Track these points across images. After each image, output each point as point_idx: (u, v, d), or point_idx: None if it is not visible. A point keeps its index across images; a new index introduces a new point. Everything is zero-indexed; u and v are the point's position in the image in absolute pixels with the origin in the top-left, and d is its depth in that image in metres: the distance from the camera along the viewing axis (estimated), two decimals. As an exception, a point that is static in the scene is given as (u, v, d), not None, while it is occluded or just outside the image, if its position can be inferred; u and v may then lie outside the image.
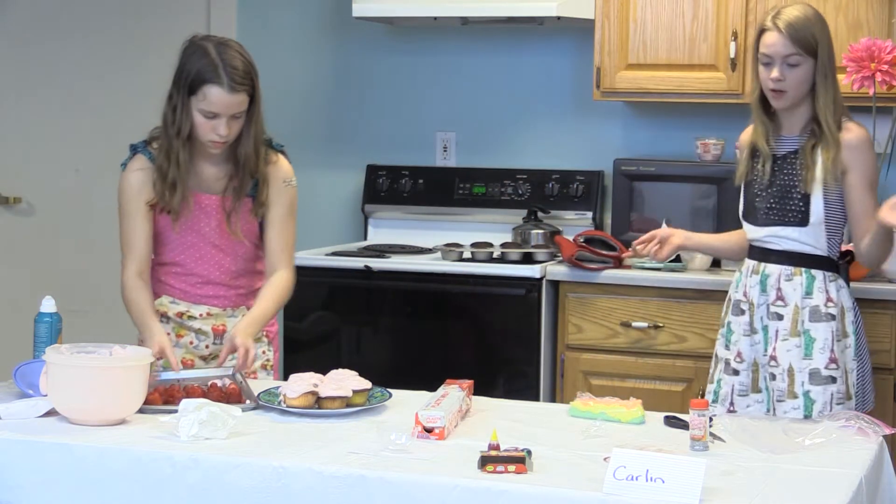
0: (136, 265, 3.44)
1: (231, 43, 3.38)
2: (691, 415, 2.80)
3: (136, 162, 3.47)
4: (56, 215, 5.66)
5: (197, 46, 3.36)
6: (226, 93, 3.29)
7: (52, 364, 2.94)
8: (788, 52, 3.49)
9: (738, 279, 3.66)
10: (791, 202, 3.54)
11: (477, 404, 3.13)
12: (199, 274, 3.50)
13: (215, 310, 3.52)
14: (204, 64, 3.31)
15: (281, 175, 3.49)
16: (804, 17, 3.54)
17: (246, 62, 3.34)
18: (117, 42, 5.63)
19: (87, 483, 2.76)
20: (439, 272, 4.70)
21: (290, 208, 3.52)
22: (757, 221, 3.61)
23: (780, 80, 3.50)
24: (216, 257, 3.50)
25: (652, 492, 2.44)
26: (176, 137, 3.37)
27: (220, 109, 3.30)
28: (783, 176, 3.57)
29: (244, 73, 3.31)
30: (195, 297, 3.52)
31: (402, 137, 5.36)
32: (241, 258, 3.52)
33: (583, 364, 4.55)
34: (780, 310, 3.56)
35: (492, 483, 2.53)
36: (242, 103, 3.32)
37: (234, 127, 3.35)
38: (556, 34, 5.13)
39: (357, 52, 5.41)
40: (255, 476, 2.66)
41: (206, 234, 3.47)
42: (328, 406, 3.04)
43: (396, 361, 4.71)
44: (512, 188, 5.12)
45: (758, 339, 3.59)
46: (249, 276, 3.56)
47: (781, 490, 2.54)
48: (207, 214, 3.46)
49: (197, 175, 3.44)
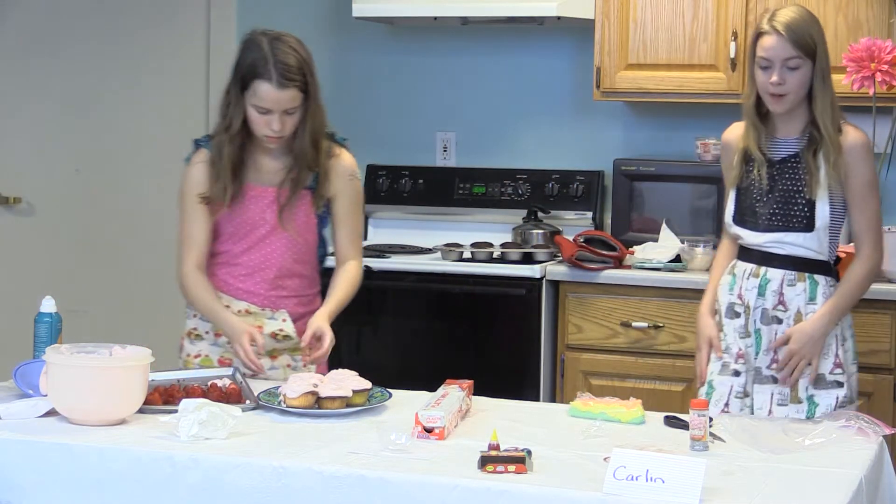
0: (195, 258, 3.43)
1: (286, 38, 3.36)
2: (691, 415, 2.80)
3: (198, 155, 3.47)
4: (56, 215, 5.66)
5: (251, 41, 3.36)
6: (275, 88, 3.28)
7: (52, 364, 2.94)
8: (788, 56, 3.43)
9: (732, 282, 3.56)
10: (795, 208, 3.47)
11: (477, 404, 3.13)
12: (244, 264, 3.48)
13: (254, 308, 3.48)
14: (255, 59, 3.30)
15: (344, 168, 3.48)
16: (801, 19, 3.48)
17: (299, 58, 3.32)
18: (117, 42, 5.62)
19: (87, 483, 2.76)
20: (439, 272, 4.70)
21: (356, 201, 3.53)
22: (758, 227, 3.51)
23: (781, 84, 3.43)
24: (263, 250, 3.47)
25: (652, 492, 2.44)
26: (224, 132, 3.37)
27: (271, 105, 3.30)
28: (785, 181, 3.49)
29: (296, 69, 3.30)
30: (236, 290, 3.48)
31: (402, 137, 5.37)
32: (292, 257, 3.48)
33: (583, 364, 4.55)
34: (780, 314, 3.49)
35: (492, 483, 2.53)
36: (294, 99, 3.31)
37: (289, 122, 3.33)
38: (556, 34, 5.13)
39: (357, 52, 5.41)
40: (255, 476, 2.66)
41: (257, 225, 3.45)
42: (328, 406, 3.04)
43: (396, 361, 4.71)
44: (512, 188, 5.12)
45: (750, 342, 3.52)
46: (299, 280, 3.52)
47: (781, 490, 2.54)
48: (261, 206, 3.44)
49: (256, 168, 3.44)
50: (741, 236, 3.55)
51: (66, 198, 5.66)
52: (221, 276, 3.50)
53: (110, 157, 5.67)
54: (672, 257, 4.54)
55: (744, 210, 3.55)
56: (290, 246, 3.47)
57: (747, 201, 3.54)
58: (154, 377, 3.12)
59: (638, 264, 4.55)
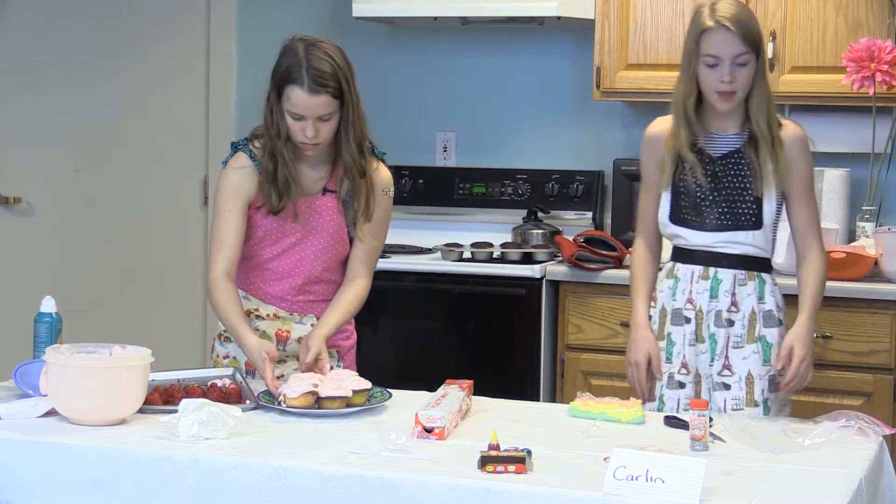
0: (226, 264, 3.36)
1: (322, 44, 3.33)
2: (691, 415, 2.80)
3: (237, 160, 3.41)
4: (56, 215, 5.66)
5: (288, 47, 3.32)
6: (306, 94, 3.24)
7: (52, 364, 2.93)
8: (739, 52, 3.26)
9: (675, 286, 3.41)
10: (743, 206, 3.34)
11: (477, 404, 3.13)
12: (273, 269, 3.45)
13: (282, 313, 3.45)
14: (289, 64, 3.27)
15: (379, 183, 3.43)
16: (745, 12, 3.33)
17: (334, 65, 3.28)
18: (117, 42, 5.63)
19: (87, 483, 2.76)
20: (439, 272, 4.70)
21: (386, 218, 3.48)
22: (705, 227, 3.36)
23: (732, 82, 3.27)
24: (294, 256, 3.43)
25: (652, 492, 2.44)
26: (277, 138, 3.32)
27: (303, 111, 3.26)
28: (730, 178, 3.35)
29: (330, 75, 3.26)
30: (265, 294, 3.45)
31: (402, 137, 5.36)
32: (322, 265, 3.45)
33: (583, 364, 4.55)
34: (733, 316, 3.36)
35: (492, 483, 2.53)
36: (327, 105, 3.27)
37: (324, 129, 3.29)
38: (556, 34, 5.13)
39: (357, 52, 5.37)
40: (255, 476, 2.66)
41: (291, 232, 3.41)
42: (328, 406, 3.04)
43: (396, 361, 4.71)
44: (512, 188, 5.12)
45: (703, 348, 3.38)
46: (326, 285, 3.49)
47: (781, 490, 2.54)
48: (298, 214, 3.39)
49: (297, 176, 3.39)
50: (683, 237, 3.41)
51: (66, 198, 5.66)
52: (251, 279, 3.48)
53: (110, 157, 5.67)
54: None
55: (683, 210, 3.39)
56: (320, 254, 3.44)
57: (687, 201, 3.38)
58: (154, 377, 3.13)
59: (638, 264, 4.55)
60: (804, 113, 4.71)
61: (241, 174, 3.38)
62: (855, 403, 4.17)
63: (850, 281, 4.23)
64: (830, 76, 4.46)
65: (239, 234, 3.38)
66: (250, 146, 3.40)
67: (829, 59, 4.49)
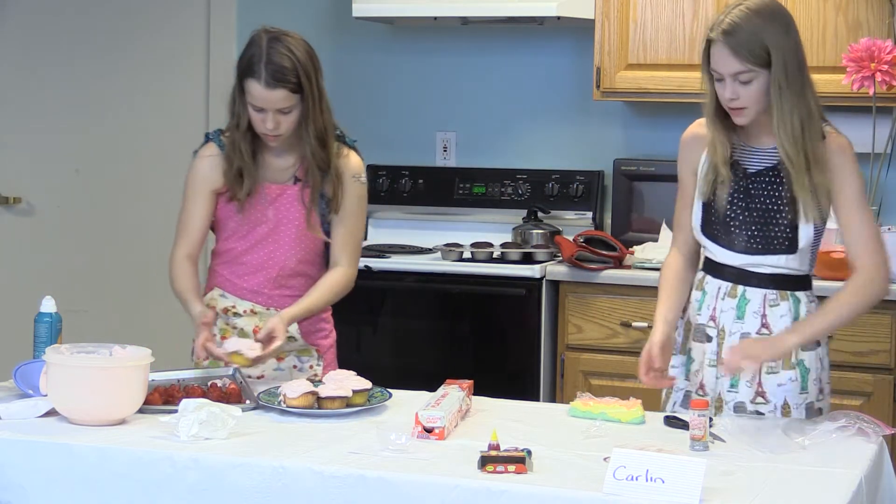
0: (187, 247, 3.45)
1: (284, 38, 3.35)
2: (691, 415, 2.80)
3: (206, 149, 3.48)
4: (56, 215, 5.66)
5: (252, 39, 3.37)
6: (263, 88, 3.28)
7: (52, 364, 2.93)
8: (736, 70, 2.98)
9: (702, 299, 3.19)
10: (776, 228, 3.09)
11: (477, 404, 3.13)
12: (247, 263, 3.47)
13: (259, 308, 3.47)
14: (250, 57, 3.32)
15: (349, 170, 3.46)
16: (749, 23, 2.98)
17: (294, 59, 3.30)
18: (117, 42, 5.63)
19: (87, 483, 2.76)
20: (439, 272, 4.70)
21: (360, 204, 3.49)
22: (734, 247, 3.12)
23: (735, 99, 3.01)
24: (266, 248, 3.46)
25: (652, 492, 2.44)
26: (236, 129, 3.38)
27: (262, 104, 3.30)
28: (762, 199, 3.10)
29: (289, 70, 3.28)
30: (240, 290, 3.48)
31: (402, 137, 5.36)
32: (295, 257, 3.47)
33: (583, 364, 4.55)
34: None
35: (492, 483, 2.53)
36: (285, 99, 3.29)
37: (284, 122, 3.32)
38: (556, 34, 5.13)
39: (357, 52, 5.41)
40: (255, 476, 2.66)
41: (259, 222, 3.45)
42: (328, 406, 3.04)
43: (396, 361, 4.71)
44: (512, 188, 5.12)
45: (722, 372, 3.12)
46: (303, 280, 3.50)
47: (781, 490, 2.54)
48: (266, 203, 3.43)
49: (264, 165, 3.44)
50: (711, 251, 3.19)
51: (66, 198, 5.66)
52: (226, 275, 3.50)
53: (110, 157, 5.67)
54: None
55: (713, 224, 3.16)
56: (293, 245, 3.46)
57: (717, 216, 3.15)
58: (154, 377, 3.13)
59: (638, 264, 4.55)
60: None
61: (208, 162, 3.45)
62: (855, 403, 4.17)
63: (850, 281, 4.23)
64: (830, 76, 4.45)
65: (203, 220, 3.45)
66: (221, 137, 3.45)
67: (829, 59, 4.49)
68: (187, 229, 3.46)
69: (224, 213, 3.47)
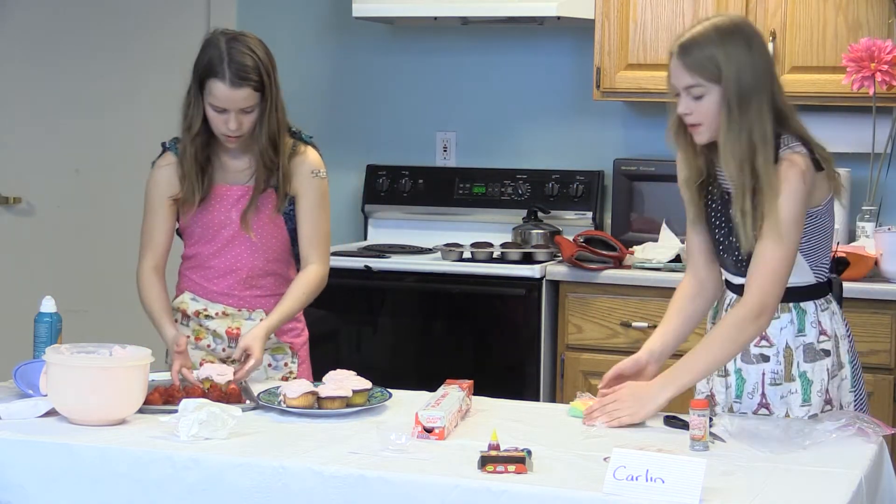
0: (153, 259, 3.46)
1: (243, 38, 3.35)
2: (691, 415, 2.79)
3: (163, 159, 3.49)
4: (56, 215, 5.66)
5: (209, 40, 3.37)
6: (227, 87, 3.28)
7: (52, 364, 2.93)
8: (687, 84, 2.94)
9: (714, 311, 3.22)
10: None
11: (477, 404, 3.13)
12: (215, 267, 3.48)
13: (231, 310, 3.48)
14: (211, 58, 3.32)
15: (307, 166, 3.45)
16: (706, 38, 2.93)
17: (255, 57, 3.31)
18: (117, 42, 5.63)
19: (87, 483, 2.76)
20: (439, 272, 4.70)
21: (319, 199, 3.47)
22: (728, 269, 3.12)
23: (689, 114, 2.97)
24: (233, 251, 3.46)
25: (652, 492, 2.44)
26: (187, 132, 3.38)
27: (225, 104, 3.30)
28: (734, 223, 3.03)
29: (252, 68, 3.29)
30: (211, 293, 3.49)
31: (402, 137, 5.37)
32: (262, 256, 3.47)
33: (583, 364, 4.55)
34: (766, 350, 3.09)
35: (492, 483, 2.53)
36: (248, 98, 3.30)
37: (246, 121, 3.33)
38: (556, 34, 5.13)
39: (357, 52, 5.41)
40: (255, 476, 2.66)
41: (223, 224, 3.45)
42: (328, 406, 3.04)
43: (396, 361, 4.71)
44: (512, 188, 5.12)
45: (730, 381, 3.14)
46: (273, 279, 3.50)
47: (781, 490, 2.54)
48: (226, 206, 3.44)
49: (222, 167, 3.45)
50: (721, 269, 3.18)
51: (66, 198, 5.66)
52: (196, 279, 3.51)
53: (110, 157, 5.67)
54: (672, 257, 4.54)
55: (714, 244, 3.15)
56: (258, 246, 3.46)
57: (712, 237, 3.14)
58: (154, 377, 3.13)
59: (638, 264, 4.55)
60: (804, 113, 4.69)
61: (164, 171, 3.47)
62: (855, 403, 4.17)
63: (850, 281, 4.22)
64: (830, 76, 4.46)
65: (165, 231, 3.48)
66: (178, 145, 3.46)
67: (829, 59, 4.49)
68: (152, 241, 3.47)
69: (188, 220, 3.47)
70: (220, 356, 3.48)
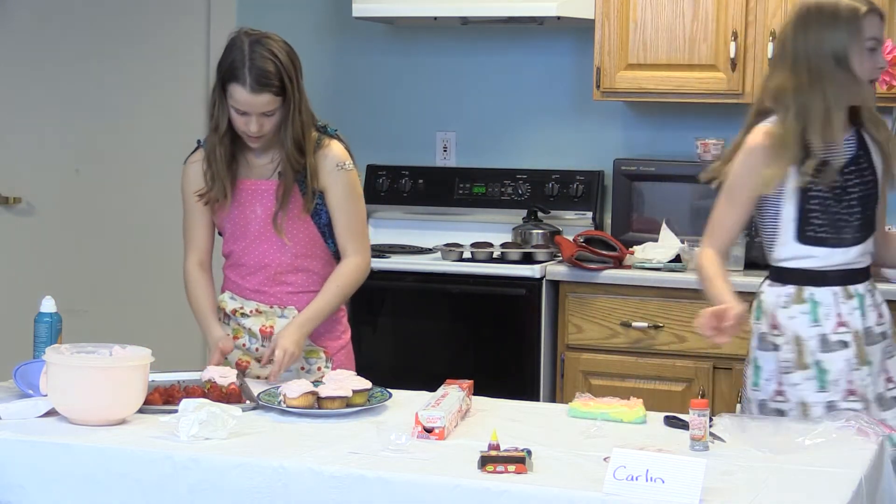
0: (196, 256, 3.49)
1: (266, 40, 3.33)
2: (691, 415, 2.79)
3: (195, 155, 3.49)
4: (56, 215, 5.66)
5: (233, 42, 3.35)
6: (248, 93, 3.27)
7: (52, 364, 2.93)
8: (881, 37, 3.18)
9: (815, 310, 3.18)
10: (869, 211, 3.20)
11: (477, 404, 3.13)
12: (246, 264, 3.47)
13: (263, 307, 3.46)
14: (233, 61, 3.30)
15: (331, 160, 3.42)
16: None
17: (277, 63, 3.29)
18: (117, 42, 5.63)
19: (87, 483, 2.76)
20: (439, 272, 4.70)
21: (348, 191, 3.45)
22: (844, 242, 3.18)
23: (882, 67, 3.21)
24: (261, 247, 3.45)
25: (652, 492, 2.44)
26: (214, 132, 3.38)
27: (246, 108, 3.30)
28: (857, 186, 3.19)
29: (273, 74, 3.28)
30: (245, 290, 3.48)
31: (402, 137, 5.37)
32: (290, 252, 3.44)
33: (583, 364, 4.55)
34: (884, 328, 3.24)
35: (492, 483, 2.53)
36: (269, 103, 3.29)
37: (267, 123, 3.33)
38: (556, 34, 5.14)
39: (357, 52, 5.42)
40: (255, 476, 2.66)
41: (249, 220, 3.44)
42: (328, 406, 3.04)
43: (396, 361, 4.71)
44: (512, 188, 5.12)
45: (867, 371, 3.17)
46: (303, 275, 3.48)
47: (781, 490, 2.54)
48: (252, 201, 3.43)
49: (247, 163, 3.45)
50: (816, 256, 3.18)
51: (66, 198, 5.66)
52: (233, 277, 3.51)
53: (110, 157, 5.67)
54: (672, 257, 4.54)
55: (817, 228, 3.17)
56: (291, 241, 3.44)
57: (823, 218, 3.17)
58: (154, 377, 3.13)
59: (638, 264, 4.55)
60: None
61: (193, 169, 3.47)
62: (855, 403, 4.17)
63: (850, 281, 4.23)
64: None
65: (204, 227, 3.50)
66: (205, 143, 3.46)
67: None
68: (193, 239, 3.50)
69: (220, 218, 3.48)
70: (255, 355, 3.47)
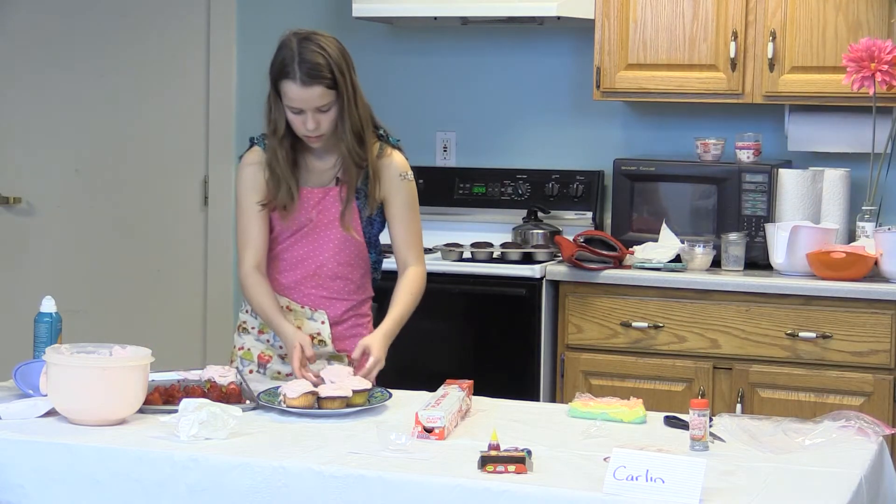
0: (253, 258, 3.42)
1: (315, 36, 3.34)
2: (691, 415, 2.80)
3: (251, 155, 3.46)
4: (56, 215, 5.66)
5: (283, 42, 3.34)
6: (299, 87, 3.26)
7: (52, 364, 2.93)
8: None
9: None
10: None
11: (477, 404, 3.13)
12: (286, 259, 3.46)
13: (295, 305, 3.45)
14: (283, 58, 3.30)
15: (394, 169, 3.46)
16: None
17: (326, 55, 3.29)
18: (118, 42, 5.63)
19: (87, 483, 2.76)
20: (439, 272, 4.69)
21: (410, 202, 3.48)
22: None
23: None
24: (305, 247, 3.44)
25: (652, 492, 2.44)
26: (273, 135, 3.37)
27: (300, 104, 3.29)
28: None
29: (323, 66, 3.28)
30: (279, 285, 3.46)
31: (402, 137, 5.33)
32: (333, 256, 3.44)
33: (583, 364, 4.55)
34: None
35: (492, 483, 2.53)
36: (322, 96, 3.29)
37: (324, 120, 3.32)
38: (556, 34, 5.13)
39: (357, 52, 5.38)
40: (255, 476, 2.66)
41: (303, 224, 3.43)
42: (328, 406, 3.04)
43: (396, 361, 4.70)
44: (512, 188, 5.12)
45: None
46: (341, 283, 3.47)
47: (781, 490, 2.54)
48: (309, 207, 3.42)
49: (307, 169, 3.43)
50: None
51: (66, 198, 5.66)
52: (271, 272, 3.48)
53: (110, 157, 5.67)
54: (672, 257, 4.54)
55: None
56: (335, 246, 3.44)
57: None
58: (154, 377, 3.13)
59: (638, 264, 4.55)
60: (804, 113, 4.71)
61: (254, 168, 3.44)
62: (855, 403, 4.17)
63: (850, 281, 4.23)
64: (830, 76, 4.46)
65: (262, 227, 3.44)
66: (266, 141, 3.44)
67: (829, 59, 4.49)
68: (249, 241, 3.43)
69: (271, 219, 3.46)
70: (279, 352, 3.47)
